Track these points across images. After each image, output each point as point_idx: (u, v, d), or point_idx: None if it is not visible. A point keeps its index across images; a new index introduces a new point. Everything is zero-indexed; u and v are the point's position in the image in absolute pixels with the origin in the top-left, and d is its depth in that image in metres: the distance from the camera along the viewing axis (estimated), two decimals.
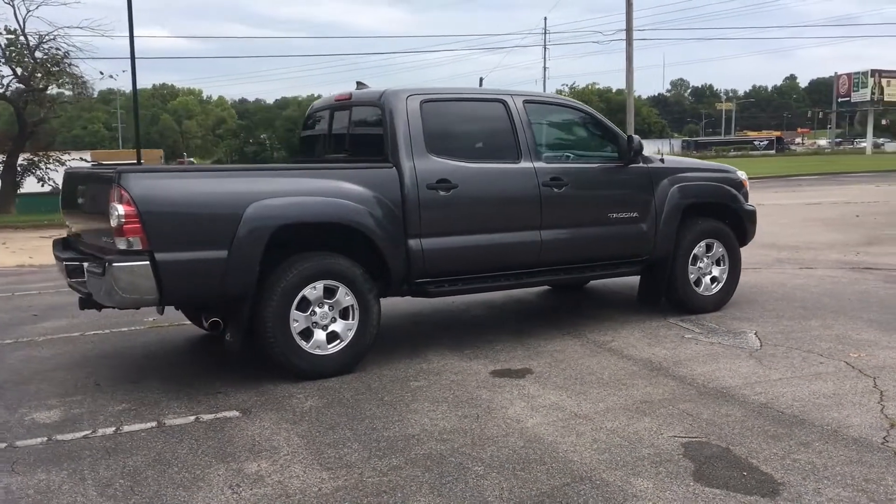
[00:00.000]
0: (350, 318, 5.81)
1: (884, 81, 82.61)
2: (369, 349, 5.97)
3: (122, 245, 5.12)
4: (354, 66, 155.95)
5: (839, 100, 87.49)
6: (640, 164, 7.18)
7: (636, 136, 7.08)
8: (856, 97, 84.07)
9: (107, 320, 7.93)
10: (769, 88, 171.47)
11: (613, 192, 7.06)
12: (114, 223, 5.08)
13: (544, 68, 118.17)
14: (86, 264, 5.53)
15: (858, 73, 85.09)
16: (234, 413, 5.05)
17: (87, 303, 6.00)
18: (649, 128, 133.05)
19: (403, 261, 5.96)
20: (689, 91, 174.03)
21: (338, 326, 5.78)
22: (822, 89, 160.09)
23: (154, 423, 4.89)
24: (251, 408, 5.15)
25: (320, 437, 4.61)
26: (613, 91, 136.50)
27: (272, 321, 5.49)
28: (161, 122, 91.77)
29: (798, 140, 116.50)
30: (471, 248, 6.30)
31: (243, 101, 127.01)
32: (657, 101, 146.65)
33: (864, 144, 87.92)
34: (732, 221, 7.76)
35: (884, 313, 7.43)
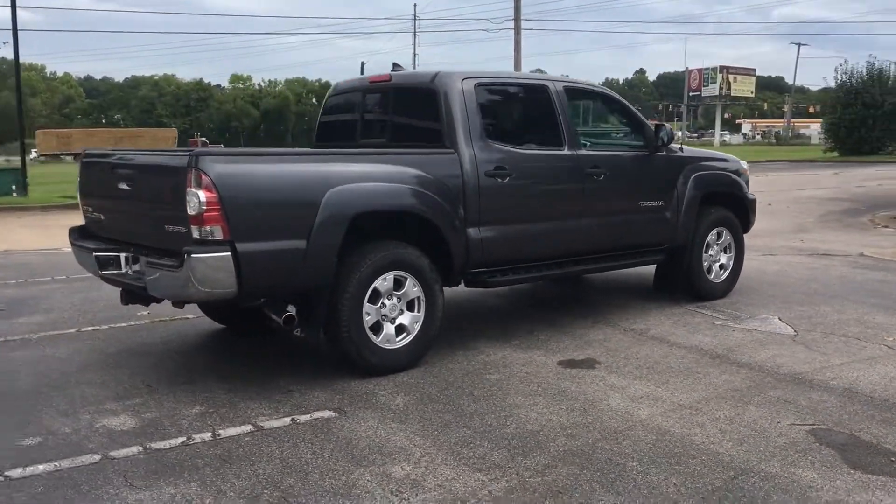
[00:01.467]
0: (416, 311, 5.57)
1: (731, 77, 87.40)
2: (433, 342, 5.75)
3: (199, 234, 4.70)
4: (208, 46, 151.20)
5: (690, 94, 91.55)
6: (665, 154, 7.22)
7: (667, 125, 7.12)
8: (705, 91, 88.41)
9: (95, 316, 7.37)
10: (621, 81, 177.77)
11: (644, 180, 7.08)
12: (192, 210, 4.66)
13: (414, 55, 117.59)
14: (144, 257, 5.08)
15: (708, 68, 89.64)
16: (329, 413, 4.75)
17: (133, 296, 5.52)
18: None
19: (464, 250, 5.76)
20: None
21: (405, 319, 5.54)
22: (668, 83, 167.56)
23: (250, 427, 4.53)
24: (342, 407, 4.85)
25: (441, 436, 4.39)
26: None
27: (347, 314, 5.20)
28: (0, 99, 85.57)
29: None
30: (525, 237, 6.18)
31: (89, 78, 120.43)
32: None
33: (711, 137, 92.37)
34: (738, 210, 7.94)
35: (880, 298, 7.80)
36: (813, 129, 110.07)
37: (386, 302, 5.42)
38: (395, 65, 6.62)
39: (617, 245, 6.94)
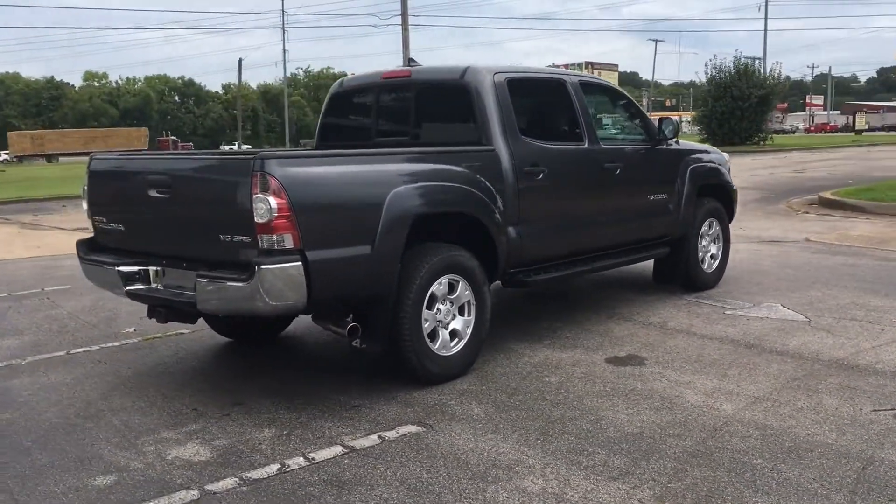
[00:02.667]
0: (467, 314, 5.37)
1: (596, 72, 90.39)
2: (482, 346, 5.56)
3: (267, 244, 4.35)
4: (54, 42, 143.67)
5: None
6: (667, 147, 7.26)
7: (675, 119, 7.15)
8: None
9: (75, 336, 6.82)
10: None
11: (651, 173, 7.10)
12: (260, 218, 4.31)
13: (284, 50, 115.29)
14: (184, 270, 4.72)
15: (574, 64, 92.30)
16: (414, 428, 4.49)
17: (172, 313, 5.08)
18: None
19: (506, 250, 5.59)
20: None
21: (458, 324, 5.32)
22: None
23: (340, 448, 4.23)
24: (422, 420, 4.60)
25: (547, 445, 4.22)
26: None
27: (408, 322, 4.94)
28: None
29: None
30: (557, 234, 6.07)
31: None
32: None
33: None
34: (725, 200, 8.08)
35: (860, 282, 8.10)
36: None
37: (441, 307, 5.19)
38: (411, 60, 6.35)
39: (631, 239, 6.93)
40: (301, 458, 4.10)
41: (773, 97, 46.53)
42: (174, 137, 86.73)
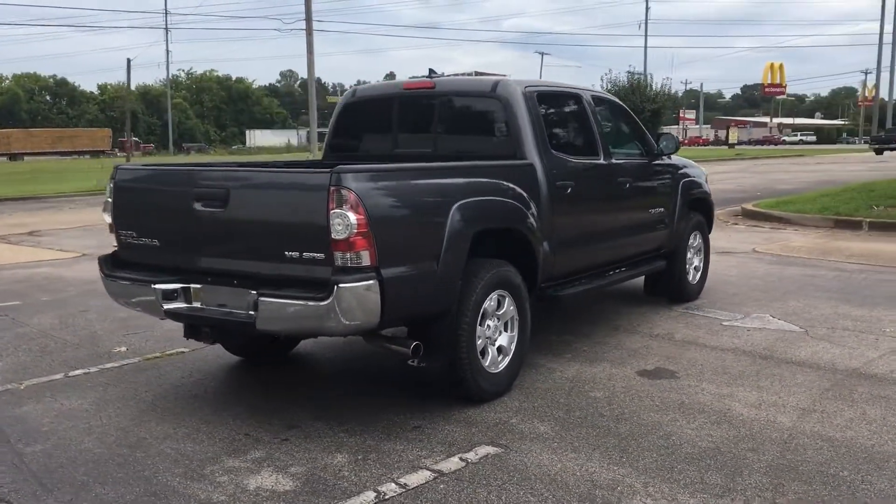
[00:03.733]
0: (511, 330, 5.31)
1: (415, 78, 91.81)
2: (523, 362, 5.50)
3: (343, 261, 4.18)
4: None
5: None
6: (662, 161, 7.39)
7: (674, 135, 7.28)
8: None
9: (63, 357, 6.39)
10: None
11: (653, 187, 7.22)
12: (338, 234, 4.14)
13: (167, 51, 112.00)
14: (236, 288, 4.51)
15: (464, 73, 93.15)
16: (492, 448, 4.39)
17: (217, 333, 4.82)
18: (272, 118, 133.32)
19: (541, 264, 5.57)
20: (298, 83, 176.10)
21: (503, 340, 5.26)
22: None
23: (428, 472, 4.09)
24: (495, 440, 4.51)
25: (635, 462, 4.20)
26: (234, 79, 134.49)
27: (465, 339, 4.84)
28: None
29: None
30: (582, 248, 6.10)
31: None
32: (270, 91, 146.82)
33: None
34: (707, 214, 8.29)
35: (828, 292, 8.47)
36: None
37: (490, 323, 5.12)
38: (431, 70, 6.25)
39: (638, 251, 7.03)
40: (394, 485, 3.94)
41: (664, 111, 48.23)
42: (136, 139, 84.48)
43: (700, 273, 8.19)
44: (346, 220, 4.11)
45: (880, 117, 68.21)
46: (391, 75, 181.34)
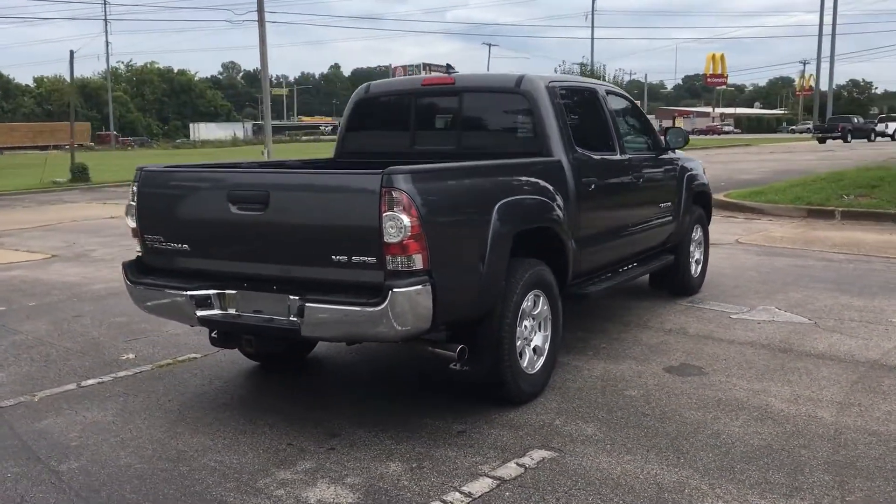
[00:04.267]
0: (545, 330, 5.24)
1: (434, 74, 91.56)
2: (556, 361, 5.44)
3: (395, 265, 4.06)
4: None
5: None
6: (671, 155, 7.39)
7: (684, 129, 7.28)
8: None
9: (68, 367, 6.16)
10: (317, 75, 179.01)
11: (662, 182, 7.20)
12: (391, 238, 4.02)
13: (106, 43, 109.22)
14: (274, 294, 4.41)
15: (412, 65, 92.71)
16: (546, 453, 4.31)
17: (259, 341, 4.65)
18: (216, 111, 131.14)
19: (570, 262, 5.51)
20: (241, 75, 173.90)
21: (538, 340, 5.19)
22: (364, 78, 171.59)
23: (489, 480, 3.99)
24: (546, 443, 4.43)
25: (694, 463, 4.16)
26: (175, 71, 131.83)
27: (507, 340, 4.76)
28: None
29: None
30: (604, 245, 6.06)
31: None
32: (213, 83, 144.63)
33: None
34: (706, 207, 8.32)
35: (823, 282, 8.57)
36: None
37: (526, 324, 5.04)
38: (448, 66, 6.13)
39: (650, 246, 7.02)
40: (458, 494, 3.85)
41: None
42: (115, 132, 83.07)
43: (700, 266, 8.22)
44: (399, 223, 4.00)
45: (821, 107, 69.66)
46: (336, 66, 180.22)
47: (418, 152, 5.98)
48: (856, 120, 59.42)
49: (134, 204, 4.85)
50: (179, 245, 4.73)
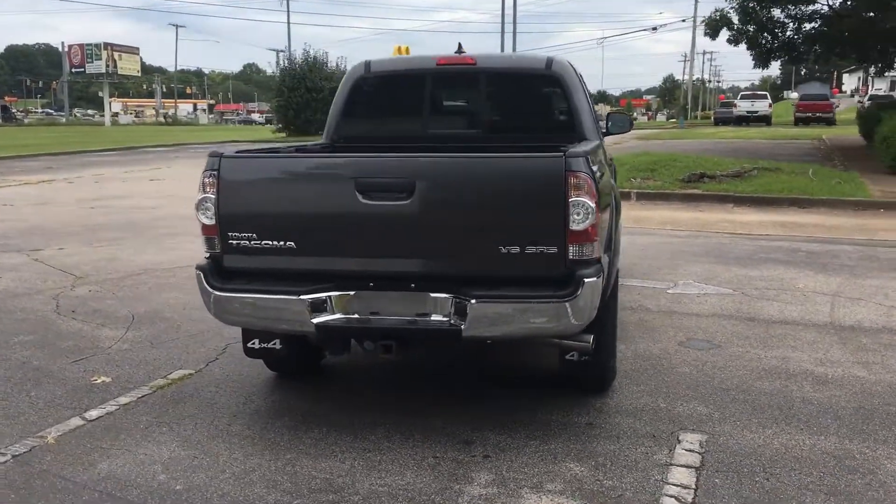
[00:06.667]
0: None
1: (116, 55, 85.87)
2: None
3: (577, 254, 3.84)
4: None
5: (74, 70, 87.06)
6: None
7: (626, 113, 7.47)
8: (91, 68, 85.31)
9: (40, 397, 5.05)
10: None
11: (613, 167, 7.35)
12: (577, 225, 3.79)
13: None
14: (419, 293, 3.97)
15: (91, 45, 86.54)
16: (699, 436, 4.26)
17: (400, 346, 4.10)
18: None
19: None
20: None
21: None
22: (20, 57, 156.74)
23: (683, 470, 3.86)
24: (685, 426, 4.39)
25: (837, 431, 4.35)
26: None
27: (611, 325, 4.71)
28: None
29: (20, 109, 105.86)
30: (608, 232, 6.09)
31: None
32: None
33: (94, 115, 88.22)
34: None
35: (706, 256, 9.25)
36: (183, 109, 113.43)
37: None
38: (459, 45, 5.77)
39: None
40: (673, 488, 3.69)
41: None
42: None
43: None
44: (586, 209, 3.76)
45: None
46: None
47: (433, 136, 5.59)
48: None
49: (213, 197, 4.04)
50: (282, 243, 4.03)
